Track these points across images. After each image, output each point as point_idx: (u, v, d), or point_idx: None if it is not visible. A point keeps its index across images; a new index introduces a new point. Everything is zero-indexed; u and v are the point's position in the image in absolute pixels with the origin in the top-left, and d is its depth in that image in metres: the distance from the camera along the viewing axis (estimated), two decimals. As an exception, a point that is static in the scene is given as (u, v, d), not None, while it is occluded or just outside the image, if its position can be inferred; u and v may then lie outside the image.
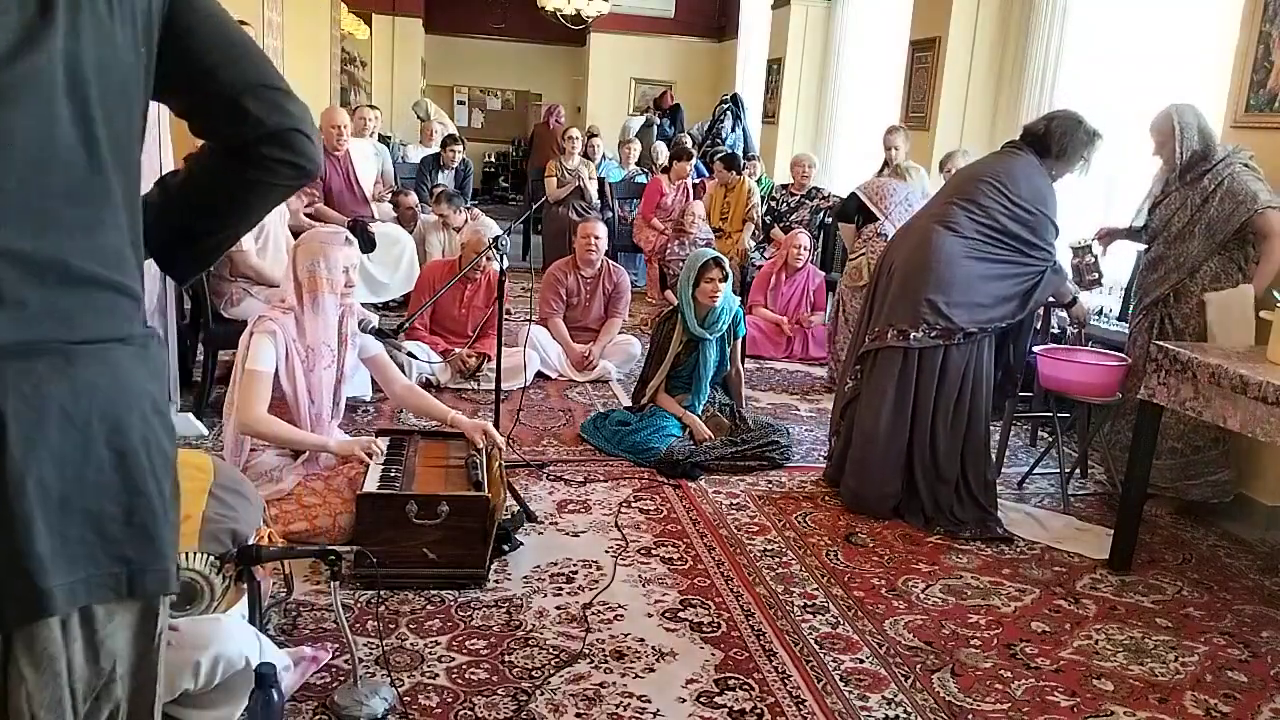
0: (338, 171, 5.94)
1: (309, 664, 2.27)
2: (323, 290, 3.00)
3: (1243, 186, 3.37)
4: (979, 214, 3.36)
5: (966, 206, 3.38)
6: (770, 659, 2.49)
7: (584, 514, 3.35)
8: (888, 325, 3.42)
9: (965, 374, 3.39)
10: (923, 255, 3.37)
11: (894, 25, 7.34)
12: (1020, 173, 3.40)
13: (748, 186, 7.55)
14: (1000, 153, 3.60)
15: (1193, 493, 3.58)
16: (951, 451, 3.42)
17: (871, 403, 3.47)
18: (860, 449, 3.50)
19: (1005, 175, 3.40)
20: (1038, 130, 3.45)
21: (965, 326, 3.34)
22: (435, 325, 4.97)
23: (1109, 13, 5.24)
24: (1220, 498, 3.58)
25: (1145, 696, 2.45)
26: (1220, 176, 3.41)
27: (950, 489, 3.42)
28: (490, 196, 14.23)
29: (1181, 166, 3.49)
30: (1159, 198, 3.63)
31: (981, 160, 3.70)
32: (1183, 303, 3.55)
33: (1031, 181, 3.39)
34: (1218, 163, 3.44)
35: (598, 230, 5.26)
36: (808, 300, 6.09)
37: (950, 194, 3.51)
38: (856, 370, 3.58)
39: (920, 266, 3.37)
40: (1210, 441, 3.54)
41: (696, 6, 12.35)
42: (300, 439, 2.99)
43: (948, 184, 3.55)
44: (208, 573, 1.99)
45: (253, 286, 4.13)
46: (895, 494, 3.44)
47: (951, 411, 3.41)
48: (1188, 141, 3.46)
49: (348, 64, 11.29)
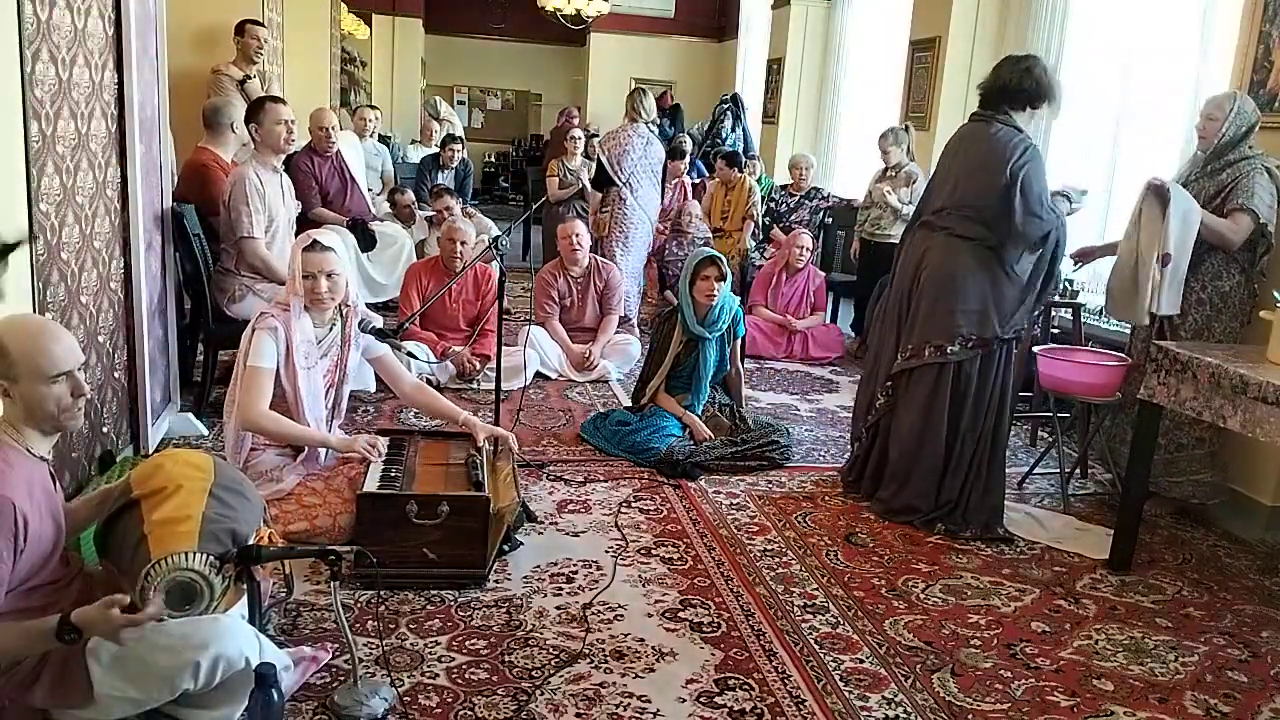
0: (334, 172, 5.94)
1: (309, 664, 2.27)
2: (295, 292, 3.00)
3: (1249, 184, 3.37)
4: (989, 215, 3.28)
5: (975, 210, 3.32)
6: (770, 659, 2.49)
7: (584, 514, 3.35)
8: (924, 342, 3.41)
9: (995, 378, 3.39)
10: (949, 270, 3.35)
11: (894, 25, 7.34)
12: (1007, 154, 3.25)
13: (748, 186, 7.55)
14: (978, 132, 3.41)
15: (1175, 490, 3.59)
16: (981, 454, 3.41)
17: (909, 419, 3.45)
18: (902, 463, 3.48)
19: (997, 162, 3.26)
20: (1023, 86, 3.31)
21: (1000, 334, 3.35)
22: (428, 323, 4.96)
23: (1108, 12, 5.24)
24: (1203, 498, 3.58)
25: (1145, 696, 2.45)
26: (1239, 173, 3.41)
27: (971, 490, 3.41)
28: (490, 196, 14.23)
29: (1215, 148, 3.47)
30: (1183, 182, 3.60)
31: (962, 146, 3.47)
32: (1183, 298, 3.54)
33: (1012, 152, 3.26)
34: (1240, 160, 3.43)
35: (577, 228, 5.26)
36: (808, 300, 6.09)
37: (954, 196, 3.39)
38: (889, 387, 3.53)
39: (947, 281, 3.36)
40: (1195, 441, 3.55)
41: (696, 6, 12.35)
42: (301, 434, 2.99)
43: (945, 182, 3.46)
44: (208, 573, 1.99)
45: (256, 283, 4.14)
46: (933, 503, 3.41)
47: (982, 416, 3.40)
48: (1231, 125, 3.42)
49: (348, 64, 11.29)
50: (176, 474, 2.07)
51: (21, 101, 2.51)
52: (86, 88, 2.98)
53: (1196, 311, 3.52)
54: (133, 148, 3.34)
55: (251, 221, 4.07)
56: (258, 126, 4.17)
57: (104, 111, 3.15)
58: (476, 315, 4.98)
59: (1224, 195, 3.43)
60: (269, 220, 4.15)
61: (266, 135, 4.15)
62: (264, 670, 1.84)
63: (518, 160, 15.03)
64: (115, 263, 3.31)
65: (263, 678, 1.83)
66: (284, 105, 4.25)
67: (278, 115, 4.15)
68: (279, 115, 4.16)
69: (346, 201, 5.91)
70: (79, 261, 2.96)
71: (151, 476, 2.07)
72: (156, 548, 1.92)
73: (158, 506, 1.99)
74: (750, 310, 6.00)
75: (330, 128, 5.87)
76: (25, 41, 2.52)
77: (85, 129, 2.98)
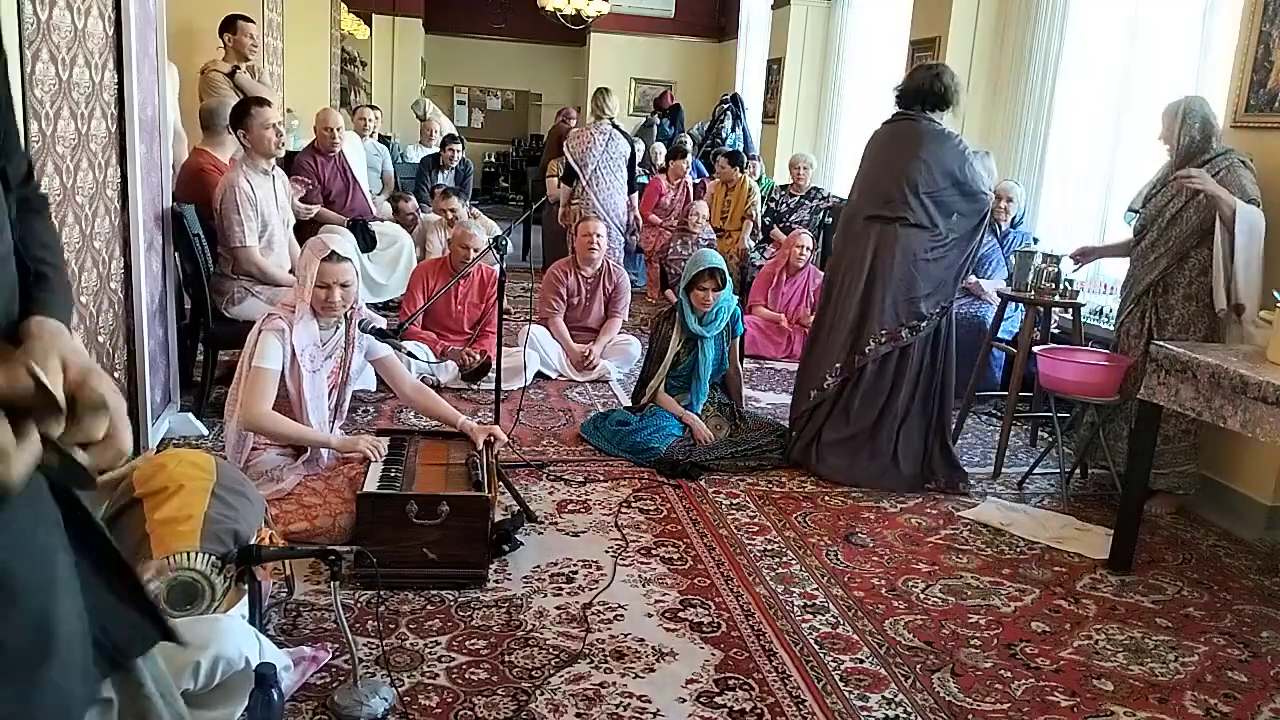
0: (337, 171, 5.94)
1: (309, 664, 2.27)
2: (303, 298, 3.00)
3: (1236, 179, 3.41)
4: (928, 201, 3.66)
5: (912, 197, 3.66)
6: (770, 659, 2.49)
7: (584, 514, 3.35)
8: (880, 331, 3.75)
9: (939, 345, 3.77)
10: (899, 258, 3.70)
11: (894, 25, 7.34)
12: (937, 144, 3.69)
13: (748, 185, 7.55)
14: (906, 128, 3.76)
15: (1159, 482, 3.61)
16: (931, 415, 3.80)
17: (869, 400, 3.80)
18: (863, 439, 3.79)
19: (930, 155, 3.67)
20: (935, 89, 3.71)
21: (947, 306, 3.76)
22: (430, 323, 4.96)
23: (1108, 12, 5.24)
24: (1185, 489, 3.65)
25: (1145, 696, 2.45)
26: (1218, 168, 3.45)
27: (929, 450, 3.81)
28: (490, 196, 14.23)
29: (1180, 154, 3.55)
30: (1156, 186, 3.69)
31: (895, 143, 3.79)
32: (1169, 294, 3.60)
33: (948, 144, 3.70)
34: (1216, 155, 3.49)
35: (598, 229, 5.26)
36: (808, 300, 6.08)
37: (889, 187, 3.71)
38: (839, 369, 3.83)
39: (898, 270, 3.71)
40: (1180, 433, 3.59)
41: (696, 6, 12.33)
42: (302, 435, 2.99)
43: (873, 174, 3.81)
44: (209, 573, 1.99)
45: (254, 286, 4.13)
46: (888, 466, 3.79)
47: (935, 380, 3.79)
48: (1188, 128, 3.52)
49: (348, 64, 11.29)
50: (179, 474, 2.08)
51: (21, 101, 2.51)
52: (86, 88, 2.98)
53: (1183, 308, 3.56)
54: (133, 148, 3.34)
55: (244, 230, 4.03)
56: (245, 132, 4.10)
57: (104, 111, 3.15)
58: (480, 317, 4.98)
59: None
60: (263, 225, 4.12)
61: (256, 141, 4.09)
62: (264, 670, 1.85)
63: (518, 160, 15.03)
64: (115, 263, 3.31)
65: (263, 678, 1.84)
66: (270, 108, 4.16)
67: (264, 119, 4.08)
68: (266, 119, 4.08)
69: (349, 202, 5.91)
70: (79, 261, 2.97)
71: (154, 476, 2.07)
72: (158, 547, 1.92)
73: (159, 506, 1.99)
74: (750, 310, 6.01)
75: (336, 128, 5.87)
76: (25, 41, 2.52)
77: (85, 129, 2.98)
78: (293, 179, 5.38)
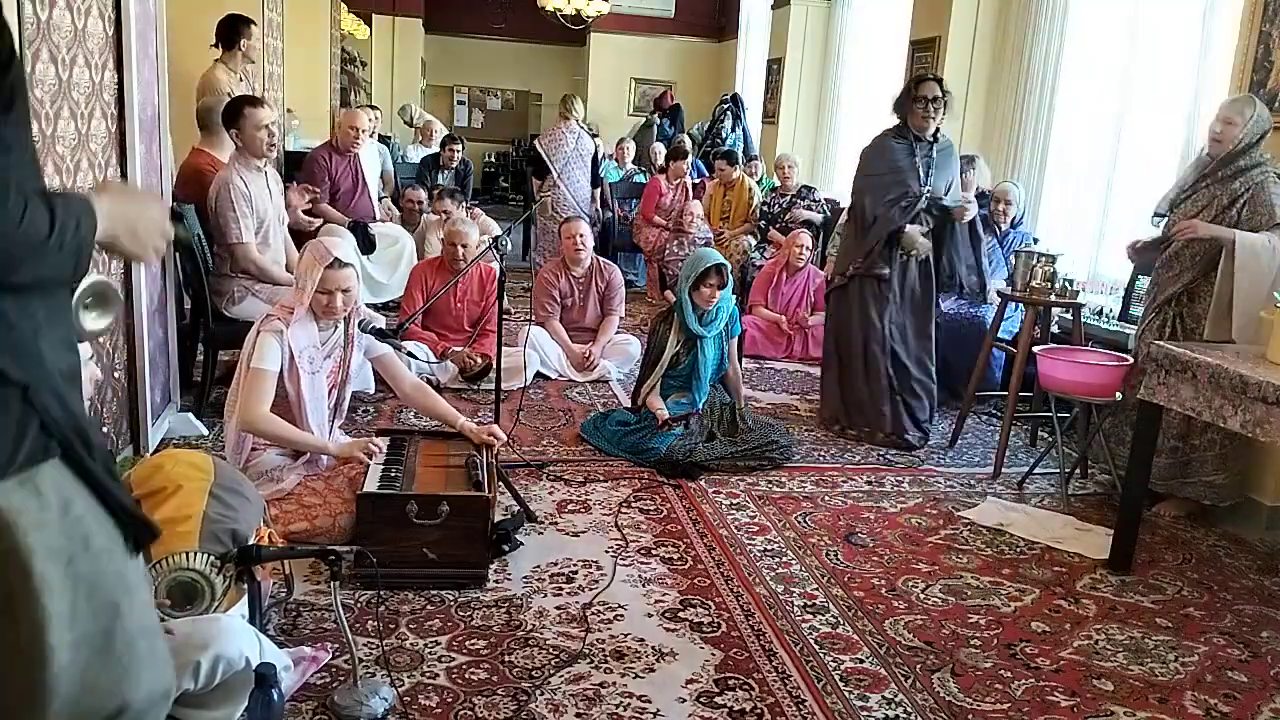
0: (349, 171, 5.94)
1: (309, 664, 2.27)
2: (302, 301, 3.00)
3: (1267, 198, 3.35)
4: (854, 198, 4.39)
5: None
6: (770, 659, 2.49)
7: (584, 514, 3.35)
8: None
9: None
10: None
11: (894, 25, 7.34)
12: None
13: (748, 186, 7.55)
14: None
15: (1187, 491, 3.58)
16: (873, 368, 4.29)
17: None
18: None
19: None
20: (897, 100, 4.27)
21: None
22: (430, 322, 4.96)
23: (1108, 12, 5.24)
24: (1215, 500, 3.57)
25: (1145, 696, 2.45)
26: (1251, 183, 3.39)
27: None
28: (490, 196, 14.23)
29: (1229, 154, 3.42)
30: (1185, 192, 3.58)
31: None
32: (1196, 303, 3.53)
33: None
34: (1252, 167, 3.40)
35: (581, 228, 5.26)
36: (808, 300, 6.09)
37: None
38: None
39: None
40: (1208, 443, 3.54)
41: (696, 6, 12.33)
42: (300, 440, 2.99)
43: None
44: (208, 573, 1.99)
45: (254, 285, 4.13)
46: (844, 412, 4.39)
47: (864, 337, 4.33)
48: (1249, 131, 3.39)
49: (348, 64, 11.28)
50: (176, 474, 2.08)
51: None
52: (86, 88, 2.98)
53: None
54: (133, 148, 3.33)
55: (240, 227, 4.03)
56: (238, 132, 4.07)
57: (104, 111, 3.15)
58: (480, 316, 4.98)
59: (1238, 205, 3.40)
60: (259, 222, 4.12)
61: (248, 142, 4.07)
62: (264, 670, 1.85)
63: (518, 160, 15.02)
64: (115, 263, 3.31)
65: (263, 678, 1.84)
66: (263, 109, 4.13)
67: (258, 120, 4.04)
68: (259, 120, 4.05)
69: (354, 203, 5.92)
70: (79, 261, 2.96)
71: (151, 477, 2.07)
72: (157, 548, 1.92)
73: (158, 506, 1.99)
74: (750, 310, 6.01)
75: (361, 130, 5.88)
76: (25, 41, 2.52)
77: (85, 129, 2.98)
78: (301, 186, 5.38)
